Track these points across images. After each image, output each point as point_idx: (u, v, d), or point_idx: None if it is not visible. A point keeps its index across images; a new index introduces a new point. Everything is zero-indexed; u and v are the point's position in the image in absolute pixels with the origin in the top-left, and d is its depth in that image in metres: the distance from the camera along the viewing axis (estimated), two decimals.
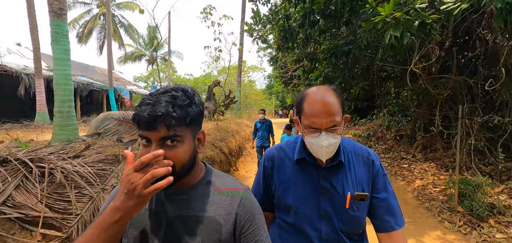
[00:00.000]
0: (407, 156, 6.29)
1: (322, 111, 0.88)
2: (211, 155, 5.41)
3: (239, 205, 0.75)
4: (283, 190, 1.03)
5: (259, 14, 6.96)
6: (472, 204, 3.61)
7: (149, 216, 0.73)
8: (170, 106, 0.65)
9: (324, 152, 0.90)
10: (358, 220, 0.97)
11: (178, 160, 0.67)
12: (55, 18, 3.70)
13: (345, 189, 0.97)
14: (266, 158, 1.11)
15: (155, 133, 0.64)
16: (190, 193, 0.75)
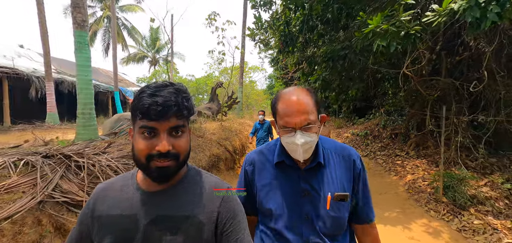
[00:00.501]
0: (401, 153, 6.67)
1: (296, 110, 0.89)
2: (217, 153, 5.81)
3: (221, 203, 0.75)
4: (264, 194, 1.02)
5: (261, 20, 7.35)
6: (455, 195, 4.00)
7: (124, 220, 0.70)
8: (179, 97, 0.67)
9: (300, 150, 0.90)
10: (339, 221, 0.98)
11: (184, 149, 0.70)
12: (78, 29, 4.11)
13: (325, 190, 0.97)
14: (247, 162, 1.10)
15: (166, 123, 0.65)
16: (171, 192, 0.74)
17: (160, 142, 0.65)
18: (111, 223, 0.71)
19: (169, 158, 0.66)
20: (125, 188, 0.76)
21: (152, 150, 0.65)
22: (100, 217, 0.72)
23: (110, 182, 0.80)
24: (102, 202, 0.74)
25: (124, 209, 0.71)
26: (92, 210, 0.74)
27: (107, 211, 0.72)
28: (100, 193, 0.77)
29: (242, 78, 14.20)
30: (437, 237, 3.43)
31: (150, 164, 0.66)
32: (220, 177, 4.44)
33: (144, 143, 0.65)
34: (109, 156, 3.19)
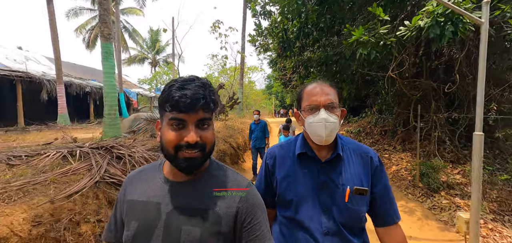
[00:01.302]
0: (388, 148, 7.37)
1: (320, 91, 0.99)
2: (223, 148, 6.48)
3: (241, 199, 0.76)
4: (285, 186, 1.06)
5: (261, 27, 8.03)
6: (429, 181, 4.68)
7: (149, 207, 0.74)
8: (207, 91, 0.70)
9: (324, 125, 0.96)
10: (358, 214, 1.00)
11: (210, 141, 0.72)
12: (105, 41, 4.76)
13: (344, 183, 1.00)
14: (268, 156, 1.15)
15: (194, 115, 0.68)
16: (193, 184, 0.76)
17: (189, 133, 0.67)
18: (138, 208, 0.75)
19: (196, 149, 0.68)
20: (152, 176, 0.80)
21: (181, 141, 0.68)
22: (129, 201, 0.78)
23: (140, 170, 0.86)
24: (132, 188, 0.80)
25: (150, 197, 0.75)
26: (124, 195, 0.81)
27: (135, 197, 0.78)
28: (131, 180, 0.83)
29: (242, 79, 14.87)
30: (411, 214, 4.11)
31: (178, 154, 0.69)
32: None
33: (173, 134, 0.68)
34: (138, 148, 3.85)
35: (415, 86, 6.63)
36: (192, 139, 0.67)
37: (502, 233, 3.37)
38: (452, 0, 3.17)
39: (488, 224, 3.56)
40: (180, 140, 0.68)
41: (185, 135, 0.68)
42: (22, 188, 2.40)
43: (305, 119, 1.02)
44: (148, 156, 3.57)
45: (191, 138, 0.67)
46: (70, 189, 2.59)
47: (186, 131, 0.68)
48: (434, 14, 3.44)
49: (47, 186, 2.55)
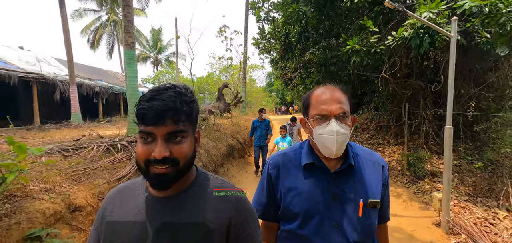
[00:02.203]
0: (383, 142, 8.01)
1: (330, 99, 0.90)
2: (232, 143, 7.13)
3: (231, 209, 0.73)
4: (290, 198, 0.98)
5: (264, 31, 8.65)
6: (415, 169, 5.33)
7: (134, 227, 0.69)
8: (178, 101, 0.66)
9: (334, 139, 0.87)
10: (371, 228, 0.95)
11: (184, 155, 0.67)
12: (128, 49, 5.38)
13: (357, 195, 0.93)
14: (271, 165, 1.06)
15: (163, 128, 0.64)
16: (179, 198, 0.72)
17: (156, 147, 0.63)
18: (121, 229, 0.70)
19: (167, 164, 0.64)
20: (135, 193, 0.75)
21: (149, 156, 0.64)
22: (110, 223, 0.73)
23: (121, 188, 0.80)
24: (113, 208, 0.75)
25: (134, 215, 0.71)
26: (103, 217, 0.75)
27: (117, 217, 0.73)
28: (111, 199, 0.77)
29: (245, 79, 15.49)
30: (398, 198, 4.76)
31: (149, 169, 0.65)
32: (234, 163, 6.14)
33: (142, 148, 0.65)
34: None
35: (406, 85, 7.25)
36: (158, 155, 0.62)
37: (471, 210, 4.03)
38: (427, 16, 3.79)
39: (461, 204, 4.21)
40: (148, 155, 0.64)
41: (153, 150, 0.64)
42: (85, 172, 3.05)
43: (313, 129, 0.93)
44: None
45: (157, 153, 0.63)
46: (118, 174, 3.24)
47: (154, 145, 0.64)
48: (415, 27, 4.07)
49: (102, 171, 3.20)
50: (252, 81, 35.55)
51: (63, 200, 2.43)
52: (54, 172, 2.80)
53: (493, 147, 5.10)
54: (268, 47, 9.09)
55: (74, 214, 2.48)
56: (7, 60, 13.38)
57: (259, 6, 8.05)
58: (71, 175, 2.91)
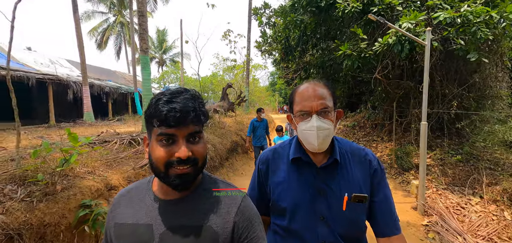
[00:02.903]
0: (377, 139, 8.54)
1: (312, 95, 0.92)
2: (236, 140, 7.73)
3: (236, 213, 0.74)
4: (278, 192, 1.02)
5: (266, 34, 9.23)
6: (402, 162, 5.87)
7: (140, 229, 0.71)
8: (196, 103, 0.68)
9: (315, 135, 0.90)
10: (356, 223, 0.96)
11: (202, 154, 0.70)
12: (143, 54, 6.00)
13: (342, 189, 0.95)
14: (261, 161, 1.10)
15: (185, 129, 0.66)
16: (186, 200, 0.73)
17: (179, 148, 0.65)
18: (127, 231, 0.71)
19: (188, 164, 0.66)
20: (141, 196, 0.77)
21: (171, 157, 0.65)
22: (117, 224, 0.74)
23: (128, 190, 0.82)
24: (121, 210, 0.76)
25: (140, 218, 0.72)
26: (112, 218, 0.77)
27: (124, 219, 0.74)
28: (119, 201, 0.79)
29: (248, 79, 16.08)
30: None
31: (169, 171, 0.66)
32: (238, 157, 6.90)
33: (162, 150, 0.66)
34: None
35: (398, 85, 7.77)
36: (183, 155, 0.64)
37: (447, 197, 4.56)
38: (406, 26, 4.33)
39: (439, 191, 4.75)
40: (170, 156, 0.65)
41: (176, 151, 0.65)
42: (115, 160, 3.67)
43: (297, 125, 0.97)
44: None
45: (182, 153, 0.64)
46: (141, 163, 3.86)
47: (176, 146, 0.65)
48: (397, 35, 4.61)
49: (128, 160, 3.82)
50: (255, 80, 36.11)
51: (102, 180, 3.05)
52: (91, 159, 3.42)
53: (471, 142, 5.61)
54: (270, 50, 9.67)
55: (110, 191, 3.09)
56: (24, 62, 14.17)
57: (261, 12, 8.62)
58: (104, 162, 3.53)
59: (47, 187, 2.42)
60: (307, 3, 5.96)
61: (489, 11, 4.28)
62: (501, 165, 4.99)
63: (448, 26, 4.56)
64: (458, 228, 3.68)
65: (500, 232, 3.72)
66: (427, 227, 3.79)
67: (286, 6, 7.24)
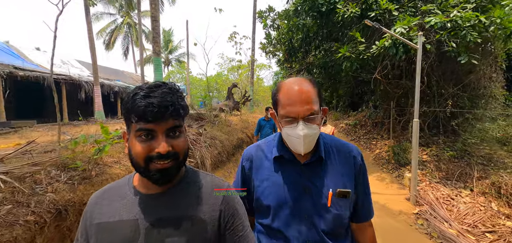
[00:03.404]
0: (377, 137, 8.87)
1: (299, 100, 0.87)
2: (241, 137, 8.14)
3: (222, 201, 0.76)
4: (262, 191, 1.00)
5: (270, 36, 9.61)
6: (399, 158, 6.21)
7: (124, 226, 0.70)
8: (175, 97, 0.67)
9: (302, 142, 0.88)
10: (341, 219, 0.95)
11: (182, 148, 0.70)
12: (156, 56, 6.44)
13: (326, 186, 0.94)
14: (244, 157, 1.07)
15: (164, 124, 0.65)
16: (171, 193, 0.74)
17: (159, 143, 0.64)
18: (111, 229, 0.70)
19: (169, 158, 0.66)
20: (121, 193, 0.76)
21: (151, 152, 0.65)
22: (98, 225, 0.72)
23: (105, 190, 0.80)
24: (99, 210, 0.74)
25: (123, 215, 0.71)
26: (89, 219, 0.74)
27: (105, 218, 0.72)
28: (96, 202, 0.77)
29: (253, 78, 16.50)
30: (382, 181, 5.67)
31: (149, 166, 0.66)
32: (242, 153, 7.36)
33: (141, 146, 0.65)
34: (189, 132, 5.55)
35: (398, 85, 8.09)
36: (163, 150, 0.64)
37: (439, 189, 4.90)
38: (400, 31, 4.68)
39: (432, 184, 5.09)
40: (150, 152, 0.65)
41: (156, 146, 0.65)
42: None
43: (282, 128, 0.94)
44: (194, 138, 5.25)
45: (162, 148, 0.64)
46: None
47: (156, 141, 0.65)
48: (392, 38, 4.96)
49: None
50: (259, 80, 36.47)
51: (126, 168, 3.48)
52: (115, 150, 3.86)
53: (463, 139, 5.92)
54: (274, 51, 10.05)
55: None
56: (37, 63, 14.78)
57: (265, 15, 9.01)
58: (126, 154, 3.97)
59: (84, 173, 2.85)
60: (309, 8, 6.33)
61: (479, 16, 4.60)
62: (491, 160, 5.30)
63: (440, 30, 4.89)
64: (445, 216, 4.03)
65: (485, 221, 4.06)
66: (417, 215, 4.15)
67: (290, 10, 7.61)
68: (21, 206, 2.25)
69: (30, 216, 2.22)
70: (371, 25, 4.50)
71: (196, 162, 4.88)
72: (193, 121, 7.23)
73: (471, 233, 3.75)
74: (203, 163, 4.99)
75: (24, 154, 3.05)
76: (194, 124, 6.70)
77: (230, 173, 6.30)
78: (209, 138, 5.97)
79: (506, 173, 4.71)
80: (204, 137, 5.71)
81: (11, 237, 2.03)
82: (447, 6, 5.03)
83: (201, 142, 5.45)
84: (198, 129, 6.26)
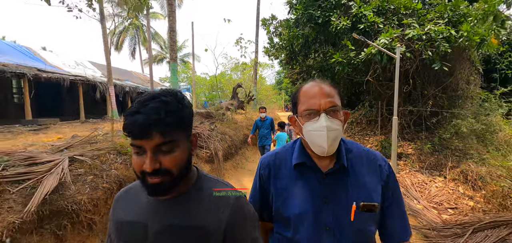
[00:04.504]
0: (370, 133, 9.74)
1: (320, 93, 0.87)
2: (247, 133, 9.05)
3: (229, 213, 0.73)
4: (281, 201, 0.96)
5: (273, 41, 10.49)
6: (386, 151, 7.08)
7: (135, 227, 0.73)
8: (163, 112, 0.64)
9: (325, 135, 0.84)
10: (365, 234, 0.90)
11: (175, 165, 0.68)
12: (172, 62, 7.35)
13: (349, 198, 0.89)
14: (262, 165, 1.04)
15: (150, 142, 0.64)
16: (179, 201, 0.74)
17: (146, 160, 0.65)
18: (124, 229, 0.74)
19: (159, 175, 0.66)
20: (138, 195, 0.79)
21: (142, 168, 0.66)
22: (117, 222, 0.78)
23: (127, 189, 0.85)
24: (120, 208, 0.80)
25: (135, 216, 0.74)
26: (112, 215, 0.81)
27: (122, 217, 0.77)
28: (118, 199, 0.82)
29: (256, 79, 17.42)
30: None
31: (144, 180, 0.67)
32: (249, 148, 8.59)
33: (136, 160, 0.67)
34: (202, 128, 6.44)
35: (388, 86, 8.95)
36: (148, 168, 0.64)
37: (416, 176, 5.77)
38: (383, 41, 5.55)
39: (411, 172, 5.96)
40: (141, 166, 0.66)
41: (144, 162, 0.65)
42: None
43: (303, 126, 0.90)
44: (208, 133, 6.17)
45: (147, 166, 0.64)
46: None
47: (145, 157, 0.65)
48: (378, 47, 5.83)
49: None
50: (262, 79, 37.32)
51: None
52: None
53: (440, 133, 6.77)
54: (277, 55, 10.93)
55: None
56: (54, 64, 15.78)
57: (269, 23, 9.90)
58: None
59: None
60: (307, 20, 7.18)
61: (450, 29, 5.46)
62: (462, 151, 6.16)
63: (418, 40, 5.75)
64: (417, 196, 4.91)
65: (450, 200, 4.94)
66: None
67: (291, 20, 8.47)
68: (98, 177, 3.19)
69: (105, 184, 3.16)
70: (358, 38, 5.37)
71: (211, 153, 5.80)
72: (203, 118, 8.16)
73: (436, 208, 4.62)
74: (216, 154, 5.91)
75: (80, 144, 3.99)
76: (206, 121, 7.61)
77: (238, 164, 7.22)
78: (220, 133, 6.89)
79: (473, 162, 5.57)
80: (216, 132, 6.63)
81: (96, 197, 2.97)
82: (424, 20, 5.88)
83: (213, 136, 6.37)
84: (210, 126, 7.18)
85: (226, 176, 5.96)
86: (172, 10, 7.10)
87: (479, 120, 6.07)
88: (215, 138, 6.25)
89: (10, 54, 13.00)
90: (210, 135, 6.22)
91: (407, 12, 6.34)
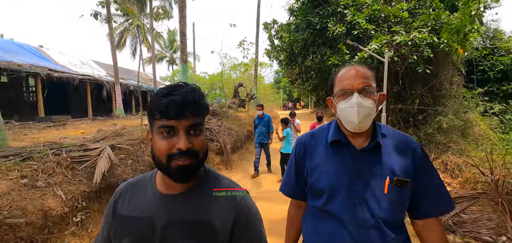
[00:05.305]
0: None
1: (354, 74, 0.92)
2: (250, 130, 9.74)
3: (236, 211, 0.75)
4: (317, 175, 1.01)
5: (273, 43, 11.18)
6: None
7: (142, 222, 0.73)
8: (196, 96, 0.69)
9: (356, 112, 0.89)
10: (398, 207, 0.92)
11: (202, 147, 0.71)
12: (183, 63, 7.99)
13: (383, 173, 0.92)
14: (298, 144, 1.10)
15: (184, 121, 0.67)
16: (187, 196, 0.75)
17: (180, 139, 0.66)
18: (129, 224, 0.74)
19: (189, 156, 0.67)
20: (144, 189, 0.79)
21: (172, 149, 0.67)
22: (120, 217, 0.77)
23: (130, 183, 0.84)
24: (123, 202, 0.79)
25: (142, 211, 0.74)
26: (113, 210, 0.79)
27: (126, 212, 0.76)
28: (122, 194, 0.81)
29: (256, 79, 18.11)
30: None
31: (170, 163, 0.68)
32: (252, 143, 9.56)
33: (163, 142, 0.67)
34: (212, 125, 7.13)
35: (380, 87, 9.69)
36: (184, 146, 0.66)
37: None
38: (374, 47, 6.25)
39: None
40: (171, 148, 0.67)
41: (176, 143, 0.66)
42: None
43: (337, 105, 0.96)
44: (217, 128, 6.86)
45: (182, 144, 0.66)
46: None
47: (177, 138, 0.67)
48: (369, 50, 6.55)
49: None
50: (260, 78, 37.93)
51: None
52: None
53: (424, 129, 7.51)
54: (277, 56, 11.62)
55: None
56: (62, 64, 16.34)
57: (270, 27, 10.58)
58: None
59: None
60: (307, 25, 7.86)
61: (432, 36, 6.18)
62: (445, 144, 6.91)
63: (404, 46, 6.46)
64: None
65: None
66: None
67: (291, 25, 9.16)
68: (135, 162, 3.87)
69: (142, 167, 3.84)
70: (351, 44, 6.07)
71: (220, 146, 6.49)
72: (211, 115, 8.83)
73: None
74: (225, 147, 6.60)
75: (112, 136, 4.65)
76: (213, 118, 8.30)
77: (243, 156, 7.91)
78: (227, 129, 7.57)
79: (452, 154, 6.31)
80: (224, 128, 7.31)
81: None
82: (410, 28, 6.60)
83: (221, 131, 7.06)
84: (218, 122, 7.86)
85: (234, 166, 6.65)
86: (183, 16, 7.72)
87: (458, 116, 6.80)
88: (223, 133, 6.93)
89: (22, 54, 13.55)
90: (219, 130, 6.91)
91: (396, 20, 7.06)
